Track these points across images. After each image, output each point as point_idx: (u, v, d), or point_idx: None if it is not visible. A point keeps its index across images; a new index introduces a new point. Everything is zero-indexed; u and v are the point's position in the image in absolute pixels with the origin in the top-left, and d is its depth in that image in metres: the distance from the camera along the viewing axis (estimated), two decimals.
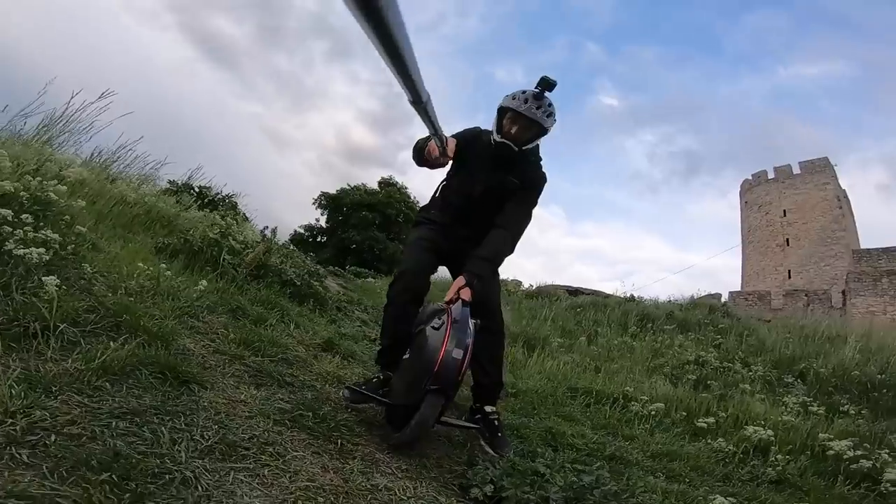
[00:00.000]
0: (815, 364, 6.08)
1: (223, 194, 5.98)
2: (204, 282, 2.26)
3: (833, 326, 8.87)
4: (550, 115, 1.85)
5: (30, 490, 0.71)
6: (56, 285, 1.30)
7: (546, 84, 1.77)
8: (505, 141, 1.87)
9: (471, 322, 1.61)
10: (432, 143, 1.70)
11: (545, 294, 11.13)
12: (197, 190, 5.65)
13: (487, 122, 2.00)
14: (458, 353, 1.50)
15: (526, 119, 1.82)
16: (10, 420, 0.85)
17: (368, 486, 1.18)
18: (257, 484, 0.99)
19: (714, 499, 1.70)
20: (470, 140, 1.96)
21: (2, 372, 0.99)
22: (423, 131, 1.68)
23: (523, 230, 1.98)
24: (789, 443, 2.99)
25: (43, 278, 1.31)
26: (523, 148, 1.89)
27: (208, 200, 5.62)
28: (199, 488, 0.89)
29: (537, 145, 1.96)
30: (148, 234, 3.22)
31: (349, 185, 29.71)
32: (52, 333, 1.20)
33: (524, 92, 1.82)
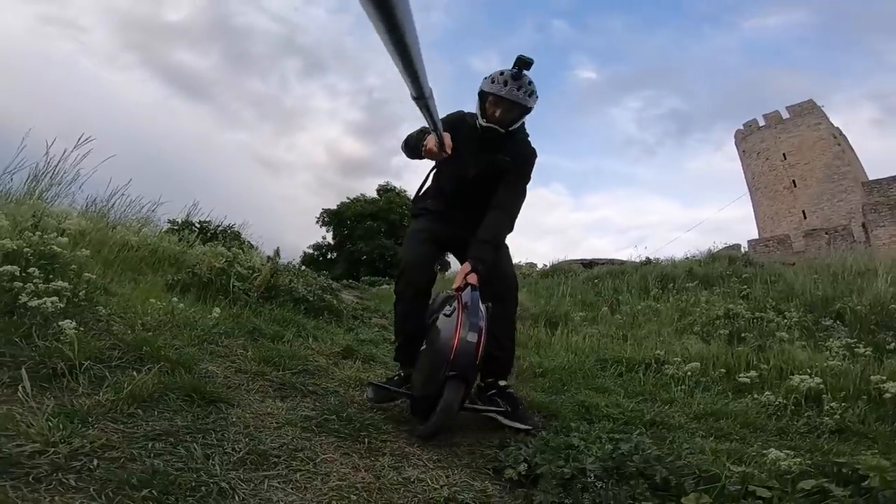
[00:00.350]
0: (850, 302, 5.89)
1: (224, 226, 6.05)
2: (217, 309, 2.28)
3: (860, 260, 8.61)
4: (531, 93, 1.84)
5: None
6: (74, 328, 1.32)
7: (523, 63, 1.76)
8: (490, 125, 1.87)
9: (482, 305, 1.62)
10: (431, 139, 1.72)
11: (561, 271, 11.05)
12: (198, 226, 5.73)
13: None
14: (472, 337, 1.51)
15: (507, 101, 1.82)
16: (53, 449, 0.87)
17: (400, 480, 1.17)
18: (291, 489, 0.99)
19: (769, 452, 1.64)
20: (455, 125, 1.95)
21: (37, 408, 1.00)
22: (410, 127, 1.71)
23: (519, 207, 1.99)
24: (841, 389, 2.85)
25: (60, 323, 1.33)
26: (510, 129, 1.90)
27: (211, 234, 5.69)
28: (237, 497, 0.89)
29: (523, 123, 1.96)
30: (157, 273, 3.26)
31: (348, 198, 29.87)
32: (79, 371, 1.22)
33: (502, 73, 1.81)
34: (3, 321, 1.36)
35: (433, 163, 2.08)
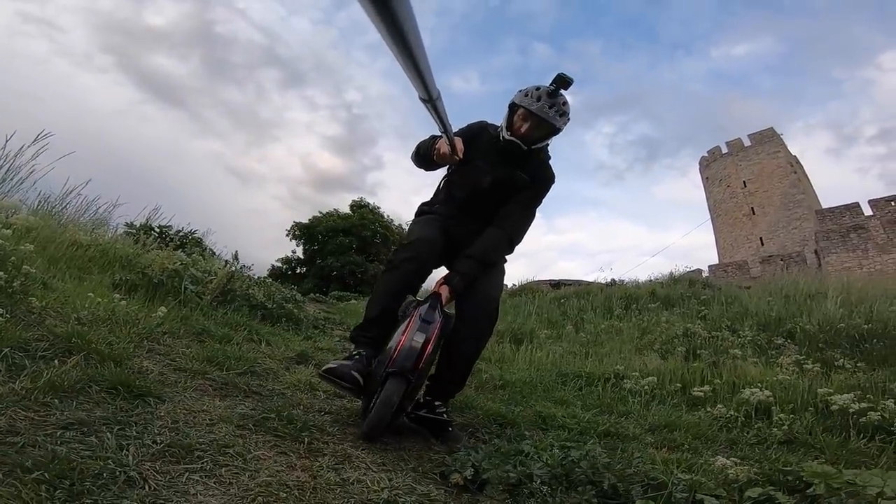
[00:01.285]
0: (801, 322, 6.21)
1: (185, 231, 5.84)
2: (163, 309, 2.18)
3: (811, 284, 9.12)
4: (564, 114, 1.78)
5: None
6: (0, 314, 1.24)
7: (562, 81, 1.70)
8: (514, 139, 1.81)
9: (439, 314, 1.58)
10: (442, 142, 1.68)
11: (528, 290, 11.18)
12: (157, 230, 5.51)
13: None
14: (419, 338, 1.48)
15: (537, 118, 1.76)
16: None
17: (338, 480, 1.11)
18: (213, 483, 0.93)
19: (716, 459, 1.67)
20: (475, 133, 1.91)
21: None
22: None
23: (525, 231, 1.93)
24: (789, 402, 2.94)
25: None
26: (533, 147, 1.84)
27: (170, 239, 5.46)
28: (147, 488, 0.83)
29: (547, 144, 1.90)
30: (105, 274, 3.11)
31: (321, 213, 29.48)
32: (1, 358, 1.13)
33: (538, 89, 1.75)
34: None
35: (445, 170, 2.02)
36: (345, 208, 29.59)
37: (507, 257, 1.97)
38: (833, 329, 5.71)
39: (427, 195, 2.12)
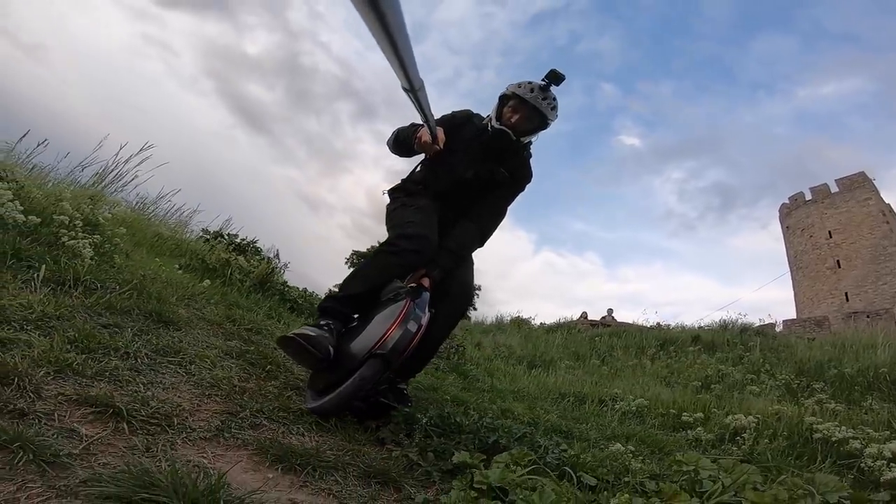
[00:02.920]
0: (842, 367, 5.79)
1: (249, 240, 6.73)
2: (207, 281, 2.78)
3: (876, 334, 8.28)
4: (554, 108, 1.80)
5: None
6: (91, 256, 1.83)
7: (554, 77, 1.72)
8: (503, 128, 1.81)
9: (429, 309, 1.61)
10: (423, 131, 1.66)
11: (565, 328, 11.07)
12: (226, 237, 6.43)
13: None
14: (412, 327, 1.49)
15: (530, 108, 1.77)
16: (40, 309, 1.32)
17: (276, 393, 1.48)
18: (181, 371, 1.36)
19: (614, 444, 1.79)
20: (460, 123, 1.90)
21: (37, 293, 1.48)
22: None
23: (496, 226, 1.95)
24: (771, 428, 2.91)
25: (82, 250, 1.85)
26: (521, 140, 1.84)
27: (235, 246, 6.33)
28: (134, 360, 1.27)
29: (532, 141, 1.90)
30: (175, 259, 3.85)
31: (378, 243, 30.65)
32: (77, 284, 1.70)
33: (531, 82, 1.78)
34: (43, 249, 1.89)
35: (422, 157, 1.98)
36: None
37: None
38: (875, 373, 5.29)
39: None
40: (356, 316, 1.71)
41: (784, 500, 0.78)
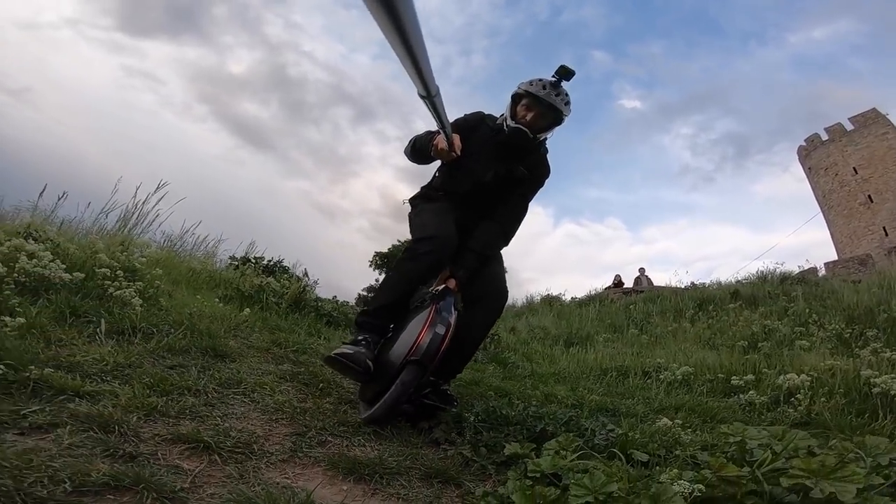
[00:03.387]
0: (891, 311, 5.56)
1: (275, 261, 6.95)
2: (248, 310, 2.91)
3: None
4: (567, 103, 1.81)
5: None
6: (140, 304, 1.96)
7: (564, 72, 1.74)
8: (520, 127, 1.81)
9: (454, 309, 1.67)
10: (440, 138, 1.67)
11: (598, 299, 10.96)
12: (253, 261, 6.66)
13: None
14: (440, 329, 1.55)
15: (544, 105, 1.78)
16: (112, 360, 1.44)
17: (332, 409, 1.57)
18: (247, 399, 1.46)
19: (661, 419, 1.81)
20: (473, 125, 1.91)
21: (105, 344, 1.60)
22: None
23: (519, 225, 1.97)
24: (827, 385, 2.82)
25: (132, 299, 1.98)
26: (537, 137, 1.85)
27: (263, 268, 6.57)
28: (206, 396, 1.38)
29: (547, 137, 1.91)
30: (212, 291, 4.02)
31: (399, 241, 31.02)
32: (135, 332, 1.83)
33: (541, 80, 1.79)
34: (94, 303, 2.03)
35: (439, 163, 2.01)
36: None
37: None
38: None
39: None
40: (392, 326, 1.77)
41: (831, 465, 0.80)
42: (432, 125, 1.47)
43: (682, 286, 11.04)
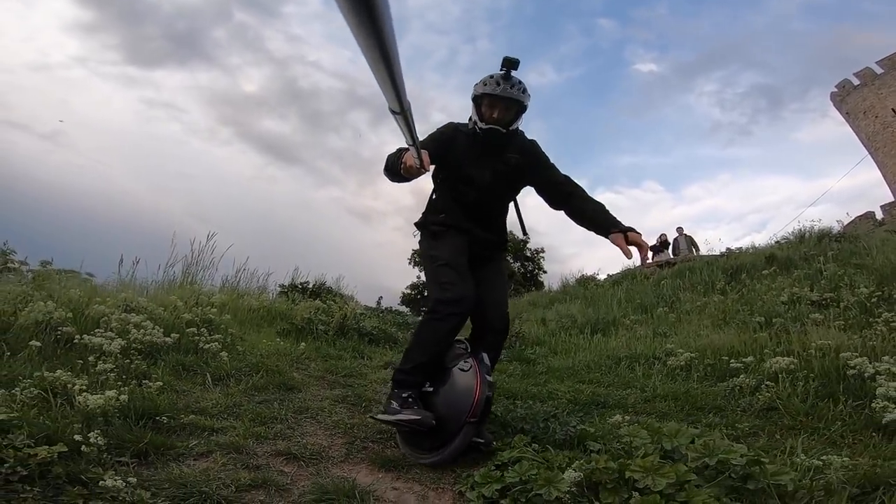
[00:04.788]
0: None
1: (318, 283, 7.79)
2: (303, 344, 3.60)
3: None
4: (524, 90, 1.89)
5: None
6: (226, 356, 2.66)
7: (510, 63, 1.82)
8: (492, 126, 1.90)
9: (486, 358, 1.88)
10: (409, 154, 1.65)
11: (630, 277, 11.06)
12: (300, 287, 7.51)
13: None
14: (489, 391, 1.76)
15: (505, 100, 1.87)
16: (222, 404, 2.11)
17: (371, 423, 2.11)
18: (313, 420, 2.09)
19: (614, 416, 2.17)
20: (450, 137, 1.97)
21: (213, 391, 2.27)
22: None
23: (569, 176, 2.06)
24: (810, 368, 2.85)
25: (220, 354, 2.69)
26: (510, 129, 1.93)
27: (311, 293, 7.42)
28: (283, 423, 1.99)
29: (519, 125, 1.99)
30: (271, 326, 4.78)
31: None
32: (230, 377, 2.52)
33: (492, 76, 1.88)
34: (193, 357, 2.74)
35: (432, 183, 2.10)
36: None
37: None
38: None
39: None
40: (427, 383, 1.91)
41: (655, 464, 1.26)
42: (402, 141, 1.48)
43: (716, 254, 10.94)
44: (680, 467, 1.27)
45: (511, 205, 2.15)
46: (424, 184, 2.22)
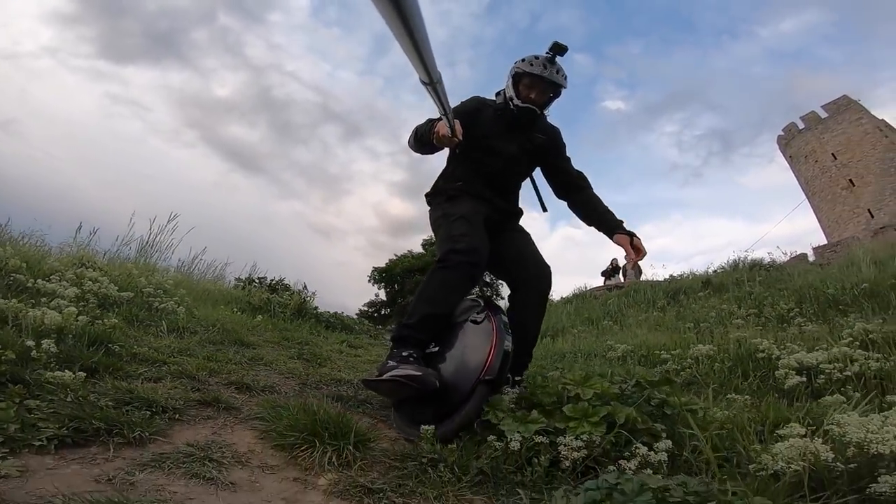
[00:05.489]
0: (825, 288, 6.24)
1: (277, 280, 7.72)
2: (260, 316, 3.63)
3: (872, 249, 8.61)
4: (565, 77, 1.90)
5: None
6: (183, 312, 2.68)
7: (558, 48, 1.82)
8: (528, 105, 1.89)
9: (505, 317, 1.72)
10: (441, 124, 1.65)
11: (582, 297, 11.66)
12: (257, 281, 7.39)
13: None
14: (508, 346, 1.56)
15: (546, 82, 1.86)
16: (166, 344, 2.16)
17: (326, 373, 2.29)
18: (265, 367, 2.19)
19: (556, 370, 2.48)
20: (473, 110, 1.94)
21: (161, 340, 2.30)
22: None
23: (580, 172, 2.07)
24: (727, 353, 3.28)
25: (176, 308, 2.70)
26: (543, 111, 1.95)
27: (267, 287, 7.31)
28: (243, 365, 2.11)
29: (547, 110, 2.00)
30: (228, 306, 4.73)
31: (396, 255, 31.59)
32: (184, 330, 2.55)
33: (537, 57, 1.86)
34: (147, 313, 2.74)
35: (448, 155, 2.05)
36: (418, 248, 31.46)
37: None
38: (858, 290, 5.72)
39: None
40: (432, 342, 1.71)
41: (582, 378, 1.49)
42: (434, 113, 1.52)
43: (660, 279, 11.73)
44: (605, 382, 1.49)
45: (528, 182, 2.13)
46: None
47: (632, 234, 1.87)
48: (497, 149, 1.93)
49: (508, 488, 1.14)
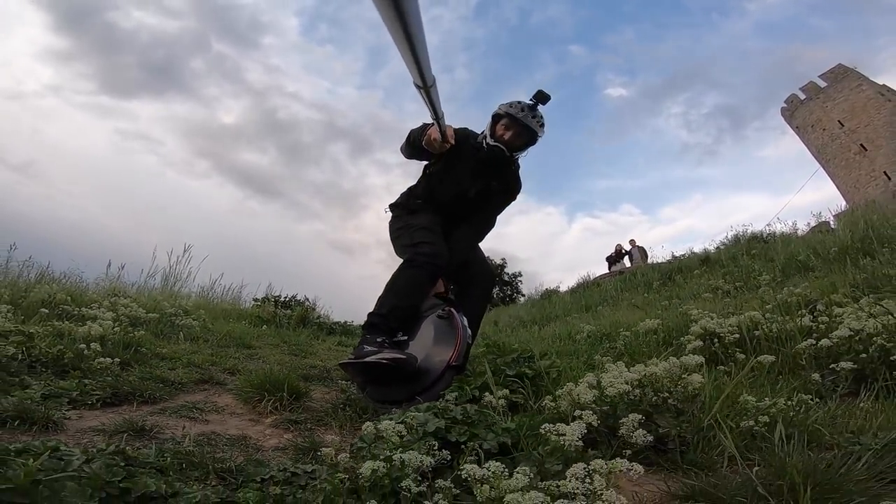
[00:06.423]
0: (806, 259, 6.44)
1: (291, 297, 8.36)
2: (265, 326, 4.24)
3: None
4: (542, 125, 1.98)
5: None
6: (199, 326, 3.31)
7: (541, 97, 1.89)
8: (498, 144, 1.97)
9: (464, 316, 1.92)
10: (434, 128, 1.71)
11: (585, 286, 11.92)
12: (272, 299, 8.05)
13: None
14: (469, 338, 1.81)
15: (521, 126, 1.94)
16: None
17: (308, 362, 2.88)
18: (262, 361, 2.76)
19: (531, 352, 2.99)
20: (460, 140, 2.00)
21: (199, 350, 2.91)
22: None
23: (489, 231, 2.21)
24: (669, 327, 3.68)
25: (193, 323, 3.33)
26: (513, 154, 2.01)
27: (279, 304, 7.97)
28: (241, 360, 2.69)
29: (522, 156, 2.08)
30: (241, 321, 5.38)
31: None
32: (199, 339, 3.16)
33: (520, 102, 1.95)
34: (169, 328, 3.36)
35: (424, 167, 2.17)
36: None
37: None
38: (831, 255, 5.93)
39: None
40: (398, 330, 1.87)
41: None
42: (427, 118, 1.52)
43: (661, 261, 11.90)
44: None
45: None
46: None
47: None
48: (457, 182, 2.04)
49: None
